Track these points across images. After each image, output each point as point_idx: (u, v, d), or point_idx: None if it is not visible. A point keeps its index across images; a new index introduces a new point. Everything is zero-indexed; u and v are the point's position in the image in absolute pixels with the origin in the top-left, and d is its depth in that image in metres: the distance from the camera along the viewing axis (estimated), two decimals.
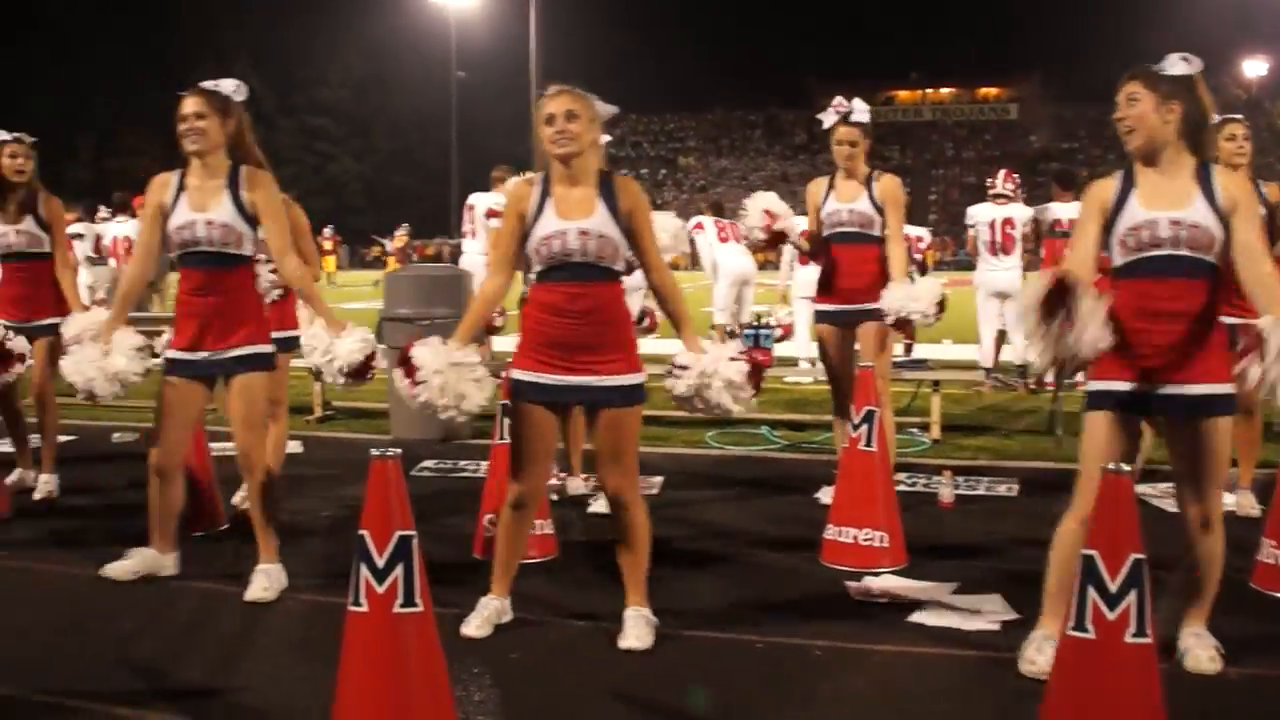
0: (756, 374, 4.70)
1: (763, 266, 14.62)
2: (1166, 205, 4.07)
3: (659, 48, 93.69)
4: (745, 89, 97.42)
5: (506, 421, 5.86)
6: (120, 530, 6.35)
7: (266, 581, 5.27)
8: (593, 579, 5.48)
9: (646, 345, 6.21)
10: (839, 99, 6.77)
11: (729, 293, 12.84)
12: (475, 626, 4.71)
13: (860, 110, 6.72)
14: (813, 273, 9.16)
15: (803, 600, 5.26)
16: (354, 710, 3.42)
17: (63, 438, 7.80)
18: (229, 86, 5.29)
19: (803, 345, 12.25)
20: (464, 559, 5.78)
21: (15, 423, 7.50)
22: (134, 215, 14.60)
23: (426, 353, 4.54)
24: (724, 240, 13.10)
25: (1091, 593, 3.35)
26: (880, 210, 6.68)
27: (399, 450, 3.39)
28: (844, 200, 6.75)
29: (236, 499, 6.65)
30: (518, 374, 4.63)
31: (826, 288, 6.84)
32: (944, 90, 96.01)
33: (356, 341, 5.38)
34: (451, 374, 4.51)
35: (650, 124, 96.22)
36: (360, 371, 5.42)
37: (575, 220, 4.49)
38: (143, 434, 8.72)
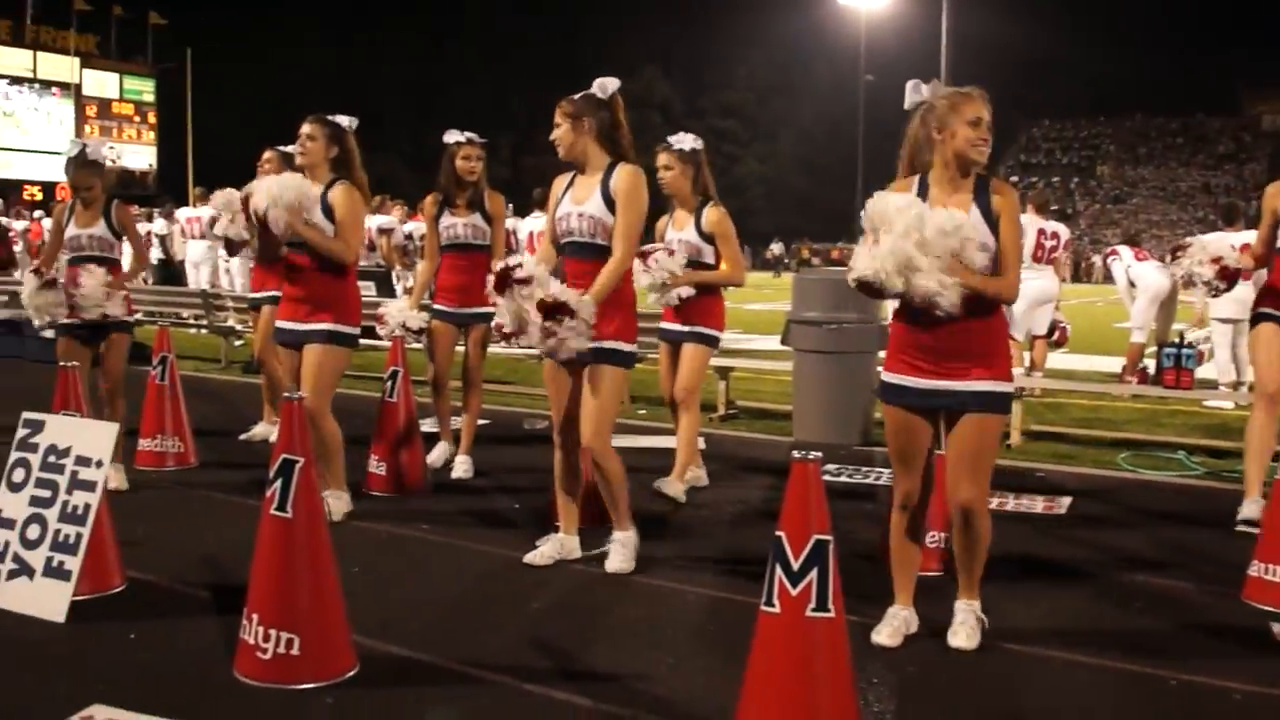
0: None
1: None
2: None
3: (1075, 49, 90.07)
4: (1167, 94, 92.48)
5: None
6: (529, 512, 6.64)
7: (624, 549, 5.60)
8: (996, 597, 5.28)
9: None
10: None
11: (1149, 310, 12.21)
12: (886, 635, 4.65)
13: None
14: (1239, 292, 8.53)
15: (1221, 639, 4.89)
16: (759, 709, 3.40)
17: (480, 421, 8.23)
18: (595, 87, 5.51)
19: (1224, 368, 11.51)
20: (865, 567, 5.68)
21: (443, 405, 8.05)
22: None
23: None
24: (1141, 259, 12.54)
25: None
26: None
27: (820, 454, 3.34)
28: None
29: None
30: (886, 376, 4.56)
31: None
32: None
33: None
34: None
35: (1063, 130, 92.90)
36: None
37: None
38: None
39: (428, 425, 8.17)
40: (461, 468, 7.78)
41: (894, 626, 4.67)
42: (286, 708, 3.97)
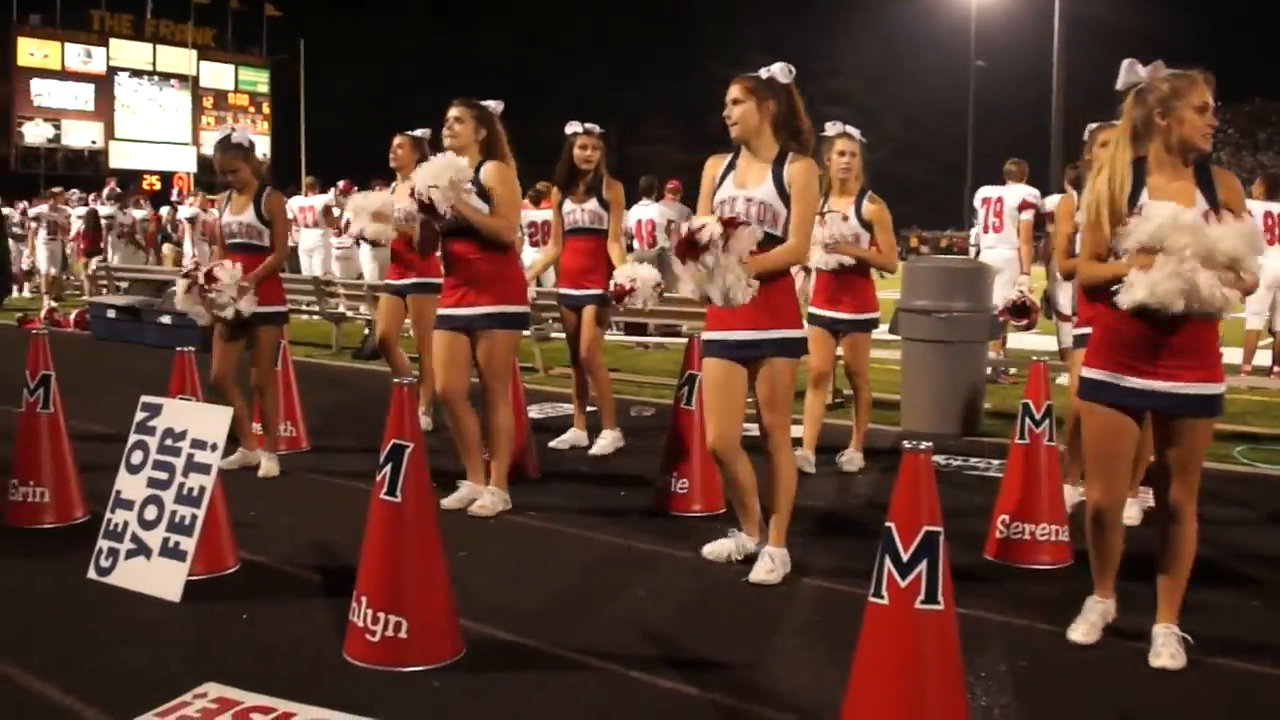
0: None
1: None
2: None
3: (1193, 32, 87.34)
4: None
5: (1027, 422, 5.67)
6: (635, 500, 6.66)
7: (772, 564, 5.32)
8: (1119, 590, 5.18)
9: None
10: None
11: (1264, 296, 11.84)
12: (1081, 633, 4.54)
13: None
14: None
15: None
16: (866, 701, 3.37)
17: (593, 408, 8.32)
18: (776, 70, 5.37)
19: None
20: (972, 559, 5.61)
21: (580, 387, 8.39)
22: (659, 199, 15.26)
23: None
24: (1271, 243, 12.14)
25: None
26: None
27: (931, 444, 3.29)
28: None
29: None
30: (1090, 373, 4.37)
31: None
32: None
33: None
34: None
35: None
36: None
37: None
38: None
39: (534, 412, 8.22)
40: (601, 443, 8.11)
41: (1091, 622, 4.57)
42: (393, 690, 4.01)
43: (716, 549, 5.63)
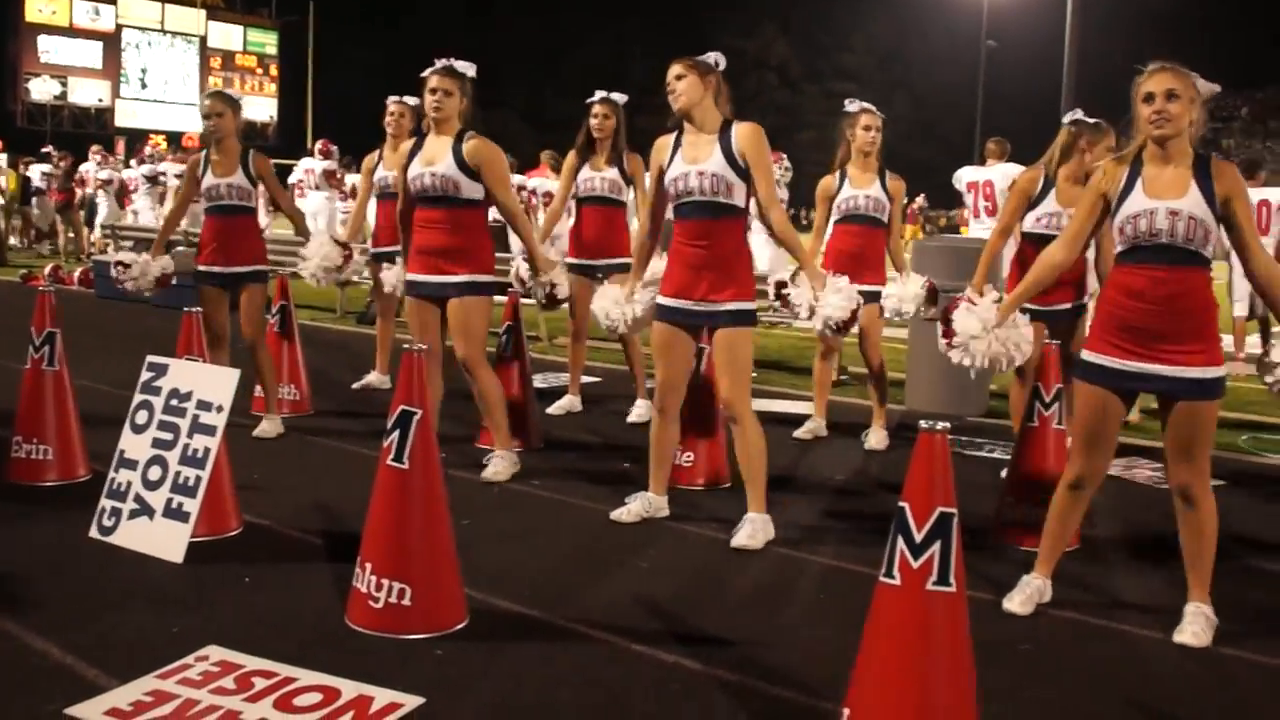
0: None
1: None
2: None
3: (1207, 16, 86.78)
4: None
5: (1036, 405, 5.65)
6: (641, 471, 6.60)
7: (754, 529, 5.40)
8: (1116, 573, 5.17)
9: None
10: None
11: (1244, 283, 11.79)
12: (1018, 603, 4.63)
13: None
14: None
15: None
16: (874, 679, 3.34)
17: (593, 379, 8.31)
18: (712, 57, 5.47)
19: None
20: (977, 541, 5.57)
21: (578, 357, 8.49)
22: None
23: (968, 319, 4.88)
24: None
25: None
26: None
27: (949, 425, 3.26)
28: None
29: None
30: (1087, 355, 4.48)
31: None
32: None
33: (843, 299, 5.62)
34: (994, 339, 4.94)
35: None
36: (845, 326, 5.70)
37: (1165, 200, 4.27)
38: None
39: (539, 381, 8.19)
40: (638, 411, 8.16)
41: (1027, 594, 4.65)
42: (396, 657, 4.00)
43: (627, 511, 5.76)
